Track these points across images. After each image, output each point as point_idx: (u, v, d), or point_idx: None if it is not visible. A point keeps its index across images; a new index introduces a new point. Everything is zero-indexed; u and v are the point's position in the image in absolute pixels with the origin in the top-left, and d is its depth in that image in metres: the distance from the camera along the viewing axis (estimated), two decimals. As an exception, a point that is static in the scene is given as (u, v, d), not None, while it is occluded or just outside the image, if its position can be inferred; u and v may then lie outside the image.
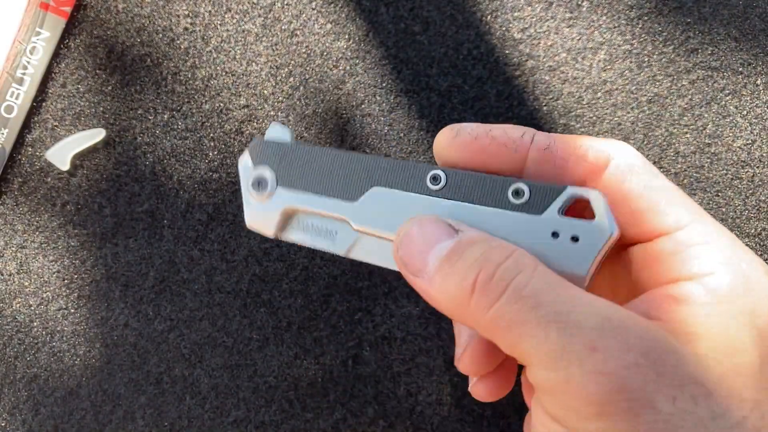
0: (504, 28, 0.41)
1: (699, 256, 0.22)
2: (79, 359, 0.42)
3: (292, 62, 0.41)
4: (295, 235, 0.26)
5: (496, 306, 0.19)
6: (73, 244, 0.42)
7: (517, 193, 0.23)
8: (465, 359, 0.25)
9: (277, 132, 0.27)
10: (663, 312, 0.21)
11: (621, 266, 0.24)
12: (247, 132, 0.42)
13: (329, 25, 0.41)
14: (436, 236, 0.22)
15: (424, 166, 0.24)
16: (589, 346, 0.18)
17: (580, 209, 0.23)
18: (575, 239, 0.22)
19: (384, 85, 0.41)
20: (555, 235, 0.22)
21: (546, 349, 0.18)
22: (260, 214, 0.26)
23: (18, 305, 0.43)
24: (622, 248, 0.24)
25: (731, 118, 0.40)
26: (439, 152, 0.25)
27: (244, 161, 0.27)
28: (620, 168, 0.23)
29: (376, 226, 0.25)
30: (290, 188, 0.26)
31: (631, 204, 0.23)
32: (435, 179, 0.24)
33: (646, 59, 0.40)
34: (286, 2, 0.41)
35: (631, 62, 0.40)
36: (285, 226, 0.27)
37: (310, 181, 0.26)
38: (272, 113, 0.41)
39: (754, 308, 0.21)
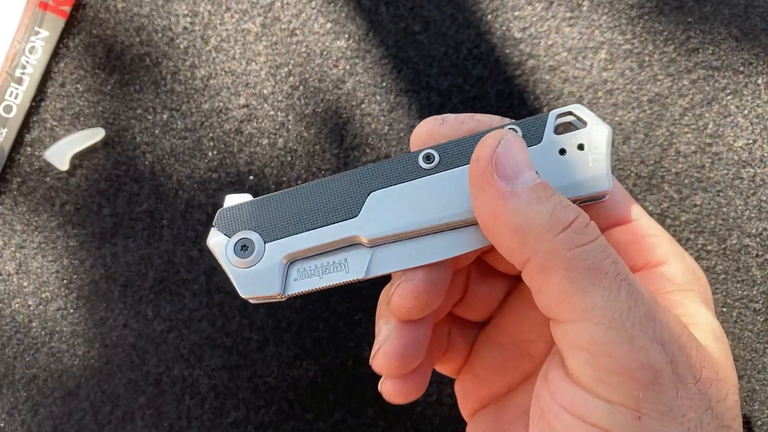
0: (504, 28, 0.40)
1: (653, 245, 0.24)
2: (78, 360, 0.42)
3: (292, 62, 0.41)
4: (302, 285, 0.25)
5: (585, 248, 0.19)
6: (72, 244, 0.42)
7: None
8: (379, 357, 0.24)
9: (236, 199, 0.25)
10: None
11: None
12: (247, 132, 0.41)
13: (329, 25, 0.41)
14: (530, 163, 0.21)
15: (412, 154, 0.24)
16: (650, 316, 0.19)
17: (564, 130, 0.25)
18: (581, 147, 0.23)
19: (384, 84, 0.41)
20: (563, 152, 0.24)
21: (616, 305, 0.19)
22: (256, 280, 0.24)
23: (17, 305, 0.42)
24: None
25: (732, 117, 0.40)
26: (423, 142, 0.25)
27: (216, 238, 0.25)
28: None
29: (390, 228, 0.24)
30: (279, 239, 0.24)
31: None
32: (428, 158, 0.24)
33: (647, 59, 0.40)
34: (285, 2, 0.41)
35: (631, 62, 0.40)
36: (287, 281, 0.25)
37: (299, 221, 0.24)
38: (272, 113, 0.41)
39: (708, 297, 0.23)
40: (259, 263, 0.24)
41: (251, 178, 0.41)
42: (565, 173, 0.23)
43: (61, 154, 0.41)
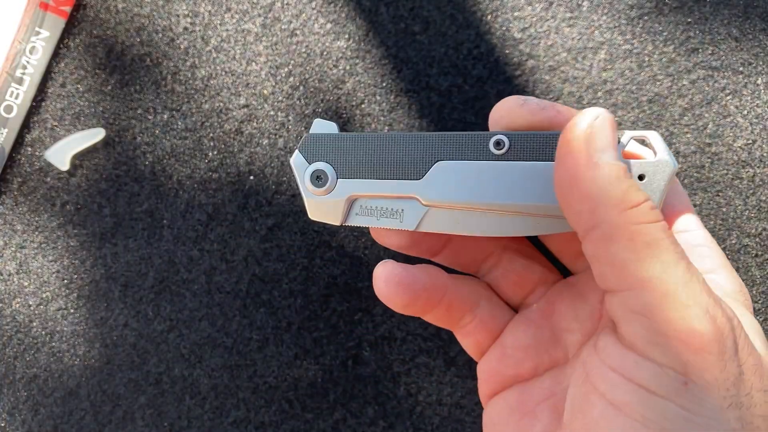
0: (504, 28, 0.41)
1: (704, 255, 0.25)
2: (78, 359, 0.42)
3: (292, 62, 0.41)
4: (360, 221, 0.27)
5: (650, 225, 0.21)
6: (72, 244, 0.42)
7: None
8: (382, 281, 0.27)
9: (323, 127, 0.27)
10: None
11: None
12: (247, 132, 0.41)
13: (329, 25, 0.41)
14: (616, 144, 0.23)
15: (484, 135, 0.25)
16: (706, 290, 0.20)
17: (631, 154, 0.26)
18: (641, 177, 0.24)
19: (384, 84, 0.41)
20: None
21: (675, 278, 0.20)
22: (324, 207, 0.27)
23: (17, 305, 0.42)
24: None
25: (732, 117, 0.40)
26: (501, 117, 0.27)
27: (298, 160, 0.27)
28: None
29: (447, 198, 0.25)
30: (351, 178, 0.26)
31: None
32: (498, 144, 0.25)
33: (647, 59, 0.40)
34: (285, 2, 0.41)
35: (631, 62, 0.40)
36: (349, 213, 0.27)
37: (370, 168, 0.26)
38: (272, 113, 0.41)
39: (750, 308, 0.24)
40: (330, 195, 0.27)
41: (251, 178, 0.42)
42: None
43: (61, 154, 0.41)
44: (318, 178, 0.27)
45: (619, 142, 0.25)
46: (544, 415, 0.26)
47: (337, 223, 0.27)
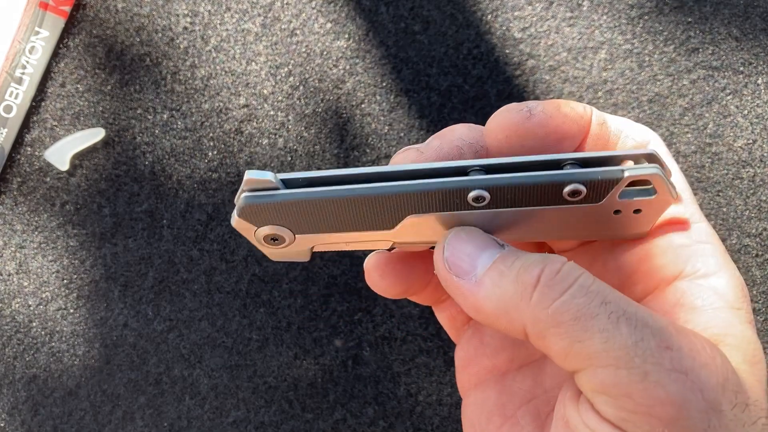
0: (504, 28, 0.40)
1: (704, 254, 0.23)
2: (78, 359, 0.42)
3: (292, 62, 0.41)
4: (329, 249, 0.25)
5: (563, 298, 0.19)
6: (72, 244, 0.42)
7: (574, 194, 0.22)
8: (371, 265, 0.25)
9: (259, 182, 0.24)
10: (683, 320, 0.22)
11: (627, 254, 0.25)
12: (247, 132, 0.41)
13: (329, 25, 0.41)
14: (486, 243, 0.22)
15: (462, 185, 0.23)
16: (663, 345, 0.18)
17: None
18: (637, 211, 0.23)
19: (384, 84, 0.41)
20: (617, 212, 0.23)
21: (618, 344, 0.18)
22: (287, 255, 0.25)
23: (17, 305, 0.42)
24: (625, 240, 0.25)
25: (732, 117, 0.40)
26: (507, 138, 0.24)
27: (242, 225, 0.24)
28: (660, 151, 0.24)
29: (418, 242, 0.24)
30: (310, 233, 0.24)
31: None
32: (477, 200, 0.23)
33: (647, 59, 0.40)
34: (285, 2, 0.41)
35: (631, 62, 0.40)
36: (315, 250, 0.26)
37: (332, 224, 0.25)
38: (272, 113, 0.41)
39: (750, 317, 0.22)
40: (290, 247, 0.25)
41: (251, 178, 0.42)
42: (607, 225, 0.23)
43: (61, 154, 0.41)
44: (273, 240, 0.25)
45: (612, 188, 0.23)
46: (526, 422, 0.26)
47: (306, 260, 0.26)
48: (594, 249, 0.27)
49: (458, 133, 0.24)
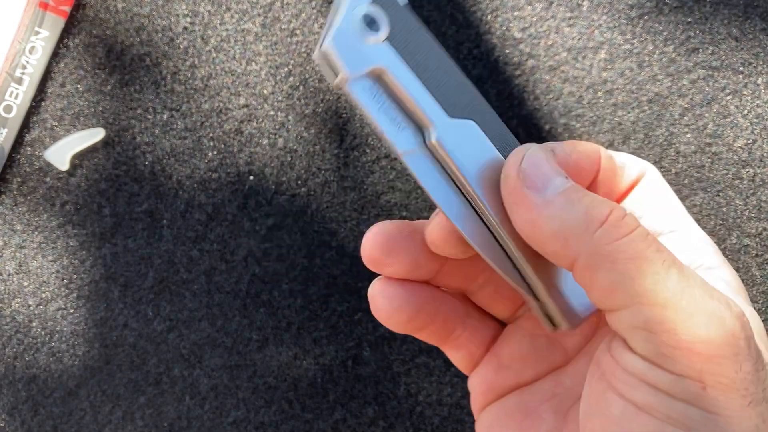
0: (504, 28, 0.40)
1: (708, 252, 0.25)
2: (78, 359, 0.42)
3: (292, 62, 0.41)
4: (362, 96, 0.22)
5: (626, 239, 0.20)
6: (72, 244, 0.42)
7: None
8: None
9: None
10: None
11: None
12: (247, 132, 0.41)
13: (329, 25, 0.41)
14: (558, 170, 0.22)
15: (514, 142, 0.24)
16: (707, 293, 0.20)
17: None
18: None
19: (384, 84, 0.41)
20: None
21: (668, 287, 0.20)
22: (349, 49, 0.22)
23: (17, 305, 0.42)
24: None
25: (732, 117, 0.40)
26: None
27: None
28: (655, 177, 0.26)
29: (452, 154, 0.23)
30: (397, 54, 0.23)
31: (661, 205, 0.26)
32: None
33: (647, 59, 0.40)
34: (285, 2, 0.41)
35: (631, 62, 0.40)
36: (359, 81, 0.22)
37: (421, 66, 0.23)
38: (272, 113, 0.41)
39: (750, 304, 0.24)
40: (366, 48, 0.22)
41: (251, 178, 0.41)
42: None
43: (61, 154, 0.41)
44: (371, 23, 0.22)
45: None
46: (548, 415, 0.26)
47: (343, 74, 0.22)
48: None
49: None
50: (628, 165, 0.26)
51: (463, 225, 0.24)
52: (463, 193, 0.24)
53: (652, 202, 0.26)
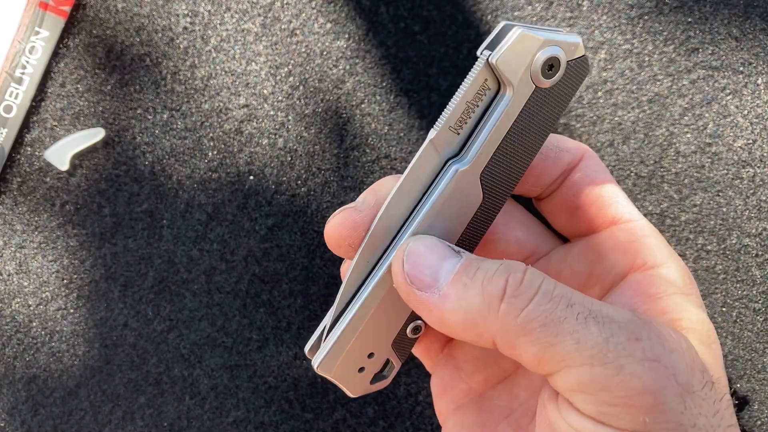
0: (504, 28, 0.41)
1: (652, 246, 0.24)
2: (78, 359, 0.42)
3: (292, 62, 0.41)
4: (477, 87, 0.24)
5: (530, 307, 0.19)
6: (72, 244, 0.42)
7: None
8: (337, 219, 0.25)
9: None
10: (642, 310, 0.23)
11: (580, 259, 0.26)
12: (247, 132, 0.41)
13: (329, 25, 0.41)
14: (445, 253, 0.21)
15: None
16: (632, 337, 0.19)
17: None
18: (551, 68, 0.23)
19: (384, 84, 0.41)
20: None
21: (590, 343, 0.18)
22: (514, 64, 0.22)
23: (17, 305, 0.42)
24: (573, 243, 0.26)
25: (732, 117, 0.40)
26: (344, 236, 0.24)
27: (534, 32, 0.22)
28: (594, 160, 0.26)
29: (446, 191, 0.23)
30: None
31: (599, 191, 0.25)
32: None
33: (647, 59, 0.40)
34: (285, 2, 0.41)
35: (631, 62, 0.40)
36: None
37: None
38: (272, 113, 0.41)
39: (699, 299, 0.23)
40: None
41: (251, 178, 0.42)
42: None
43: (61, 154, 0.41)
44: (550, 68, 0.21)
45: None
46: None
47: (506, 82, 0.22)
48: (548, 261, 0.27)
49: (388, 185, 0.24)
50: (564, 148, 0.25)
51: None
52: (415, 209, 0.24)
53: (591, 190, 0.25)
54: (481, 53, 0.23)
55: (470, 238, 0.24)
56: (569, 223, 0.26)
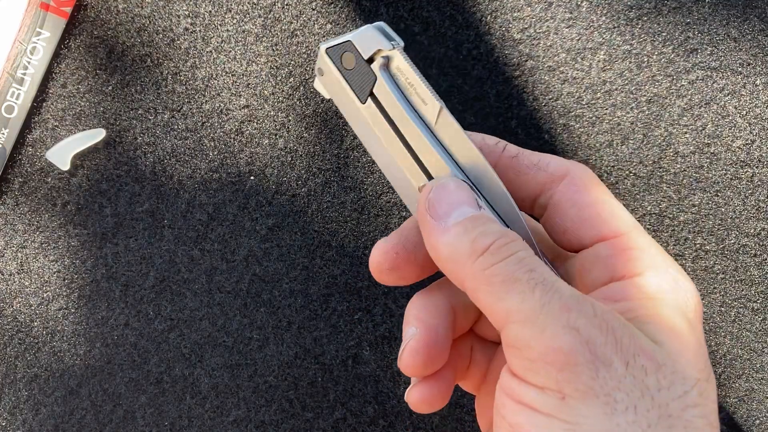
0: (504, 29, 0.41)
1: (634, 259, 0.26)
2: (79, 359, 0.42)
3: (292, 62, 0.41)
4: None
5: (501, 264, 0.22)
6: (73, 244, 0.42)
7: None
8: (406, 353, 0.27)
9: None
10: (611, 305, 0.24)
11: (567, 275, 0.27)
12: (247, 132, 0.42)
13: (329, 26, 0.41)
14: (466, 200, 0.25)
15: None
16: (565, 307, 0.21)
17: None
18: (371, 60, 0.27)
19: (384, 85, 0.41)
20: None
21: (528, 305, 0.21)
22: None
23: (18, 305, 0.43)
24: (566, 258, 0.28)
25: (730, 118, 0.40)
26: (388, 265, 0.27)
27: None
28: (575, 180, 0.27)
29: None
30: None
31: (580, 212, 0.26)
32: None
33: (646, 59, 0.40)
34: (286, 3, 0.41)
35: (630, 62, 0.40)
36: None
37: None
38: (272, 113, 0.42)
39: (683, 304, 0.24)
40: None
41: (252, 178, 0.42)
42: None
43: (62, 154, 0.42)
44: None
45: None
46: None
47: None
48: None
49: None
50: (542, 166, 0.27)
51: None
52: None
53: (573, 211, 0.27)
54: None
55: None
56: (563, 243, 0.27)
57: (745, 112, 0.40)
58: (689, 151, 0.40)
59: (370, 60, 0.26)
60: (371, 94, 0.27)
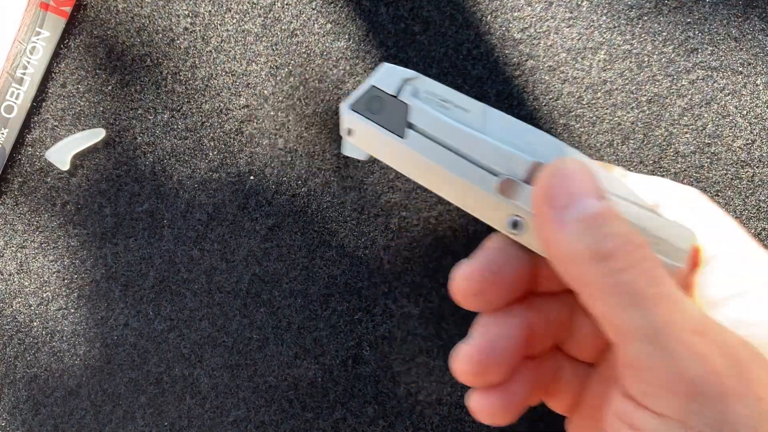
0: (504, 28, 0.41)
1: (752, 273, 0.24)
2: (79, 359, 0.42)
3: (292, 62, 0.41)
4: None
5: (624, 273, 0.20)
6: (73, 244, 0.42)
7: None
8: (456, 359, 0.25)
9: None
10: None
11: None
12: (247, 132, 0.42)
13: (329, 25, 0.41)
14: (590, 190, 0.21)
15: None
16: (694, 330, 0.19)
17: None
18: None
19: (384, 85, 0.41)
20: None
21: (653, 322, 0.19)
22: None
23: (18, 305, 0.43)
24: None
25: (731, 117, 0.40)
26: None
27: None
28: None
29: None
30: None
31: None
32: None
33: (646, 59, 0.40)
34: (286, 2, 0.41)
35: (630, 62, 0.40)
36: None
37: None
38: (272, 113, 0.41)
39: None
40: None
41: (252, 178, 0.42)
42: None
43: (62, 154, 0.42)
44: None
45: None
46: None
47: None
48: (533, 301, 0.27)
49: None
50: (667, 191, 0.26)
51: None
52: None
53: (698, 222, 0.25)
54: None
55: None
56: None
57: (745, 111, 0.40)
58: (690, 150, 0.40)
59: (397, 94, 0.25)
60: (409, 126, 0.25)
